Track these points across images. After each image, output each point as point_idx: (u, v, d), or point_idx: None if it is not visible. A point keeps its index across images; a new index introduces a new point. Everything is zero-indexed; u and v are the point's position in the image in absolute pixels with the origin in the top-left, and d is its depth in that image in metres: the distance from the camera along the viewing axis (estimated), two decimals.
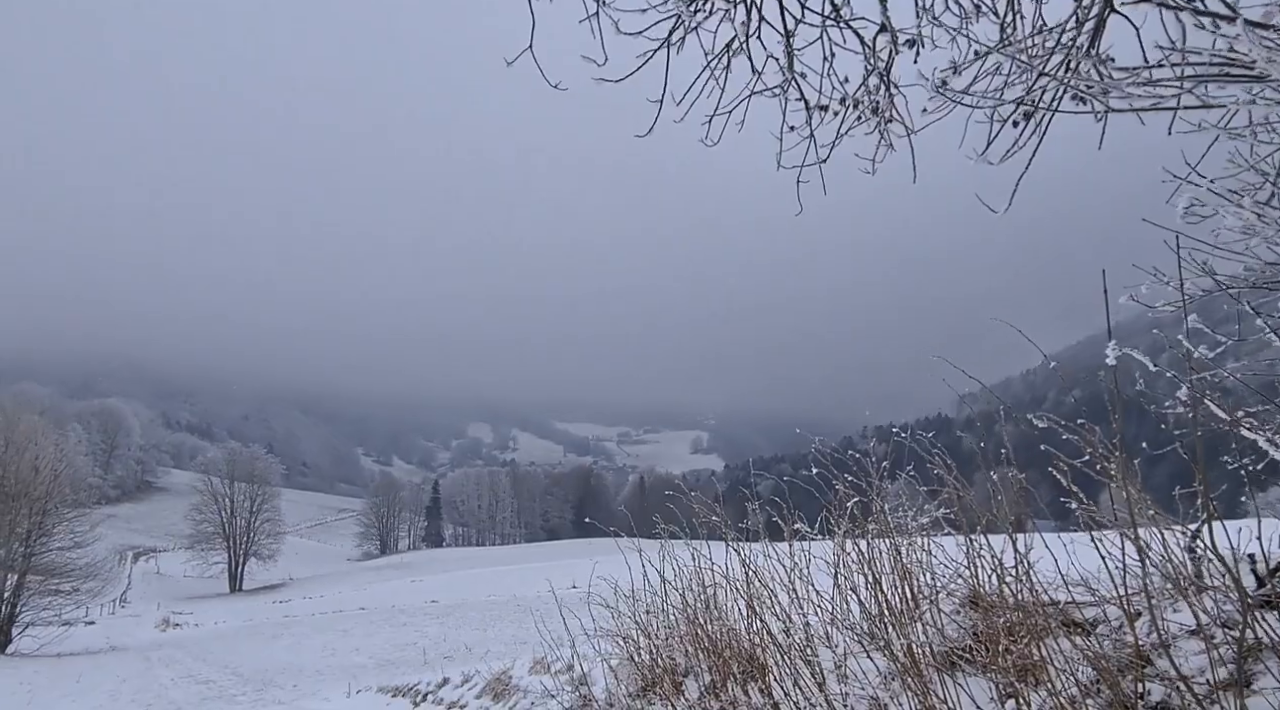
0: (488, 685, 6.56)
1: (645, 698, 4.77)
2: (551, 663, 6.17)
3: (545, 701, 5.54)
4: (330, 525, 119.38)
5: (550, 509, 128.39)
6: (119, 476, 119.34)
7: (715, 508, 4.44)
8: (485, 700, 6.39)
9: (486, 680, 6.65)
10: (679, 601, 4.62)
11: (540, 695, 5.68)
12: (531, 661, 6.51)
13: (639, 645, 4.86)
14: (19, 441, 25.58)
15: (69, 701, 14.18)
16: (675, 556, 4.68)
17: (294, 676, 14.32)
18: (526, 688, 6.03)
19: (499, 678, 6.50)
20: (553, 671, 5.92)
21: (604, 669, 5.18)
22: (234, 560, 70.56)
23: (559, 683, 5.60)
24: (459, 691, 7.00)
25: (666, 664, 4.60)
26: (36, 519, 25.38)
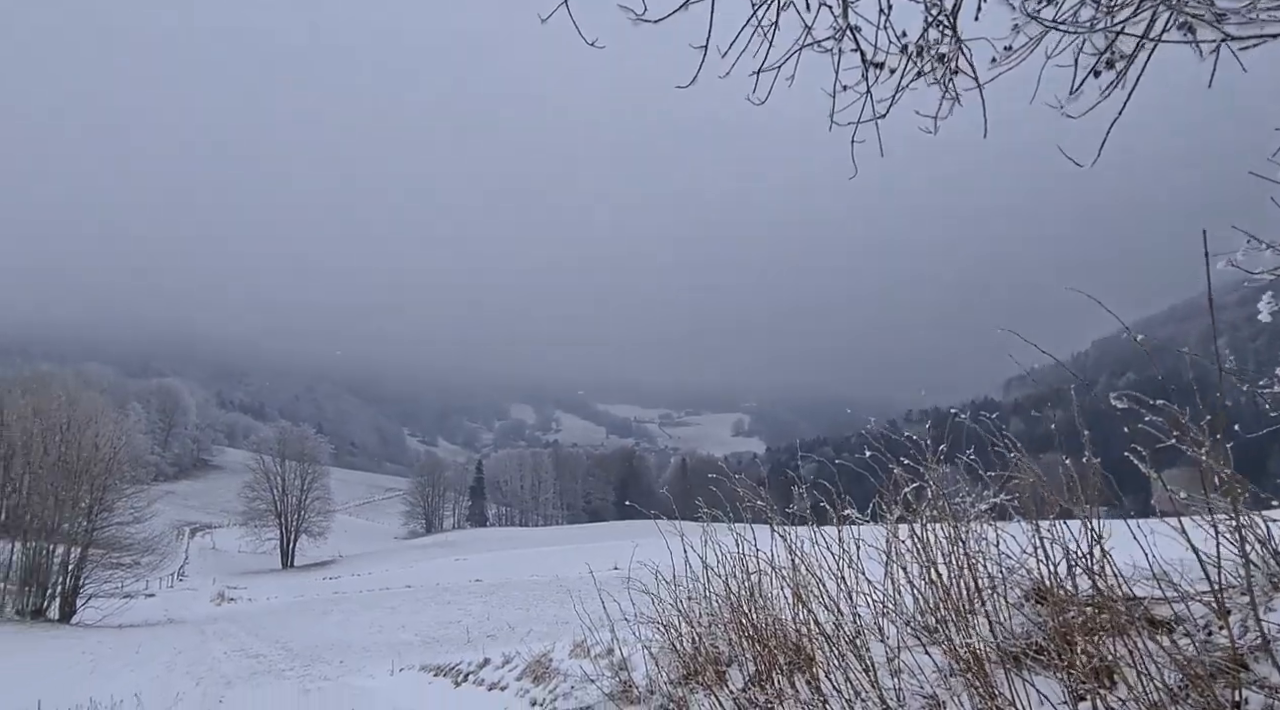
0: (528, 667, 6.50)
1: (687, 686, 4.64)
2: (591, 646, 6.08)
3: (585, 686, 5.44)
4: (378, 504, 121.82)
5: (592, 490, 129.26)
6: (176, 454, 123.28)
7: (760, 491, 4.25)
8: (525, 682, 6.33)
9: (527, 662, 6.60)
10: (722, 588, 4.47)
11: (580, 679, 5.59)
12: (572, 644, 6.43)
13: (680, 632, 4.72)
14: (80, 420, 26.43)
15: (129, 671, 14.61)
16: (718, 541, 4.53)
17: (341, 652, 14.56)
18: (566, 671, 5.95)
19: (539, 660, 6.44)
20: (593, 655, 5.83)
21: (644, 655, 5.05)
22: (285, 537, 72.40)
23: (599, 667, 5.51)
24: (499, 672, 6.96)
25: (709, 652, 4.46)
26: (98, 495, 26.24)
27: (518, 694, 6.27)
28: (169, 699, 8.33)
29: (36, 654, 17.81)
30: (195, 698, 8.26)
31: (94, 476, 26.01)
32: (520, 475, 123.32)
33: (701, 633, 4.51)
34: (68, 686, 13.26)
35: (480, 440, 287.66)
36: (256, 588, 46.87)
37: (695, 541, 4.74)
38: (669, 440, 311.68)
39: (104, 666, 15.71)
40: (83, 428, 26.25)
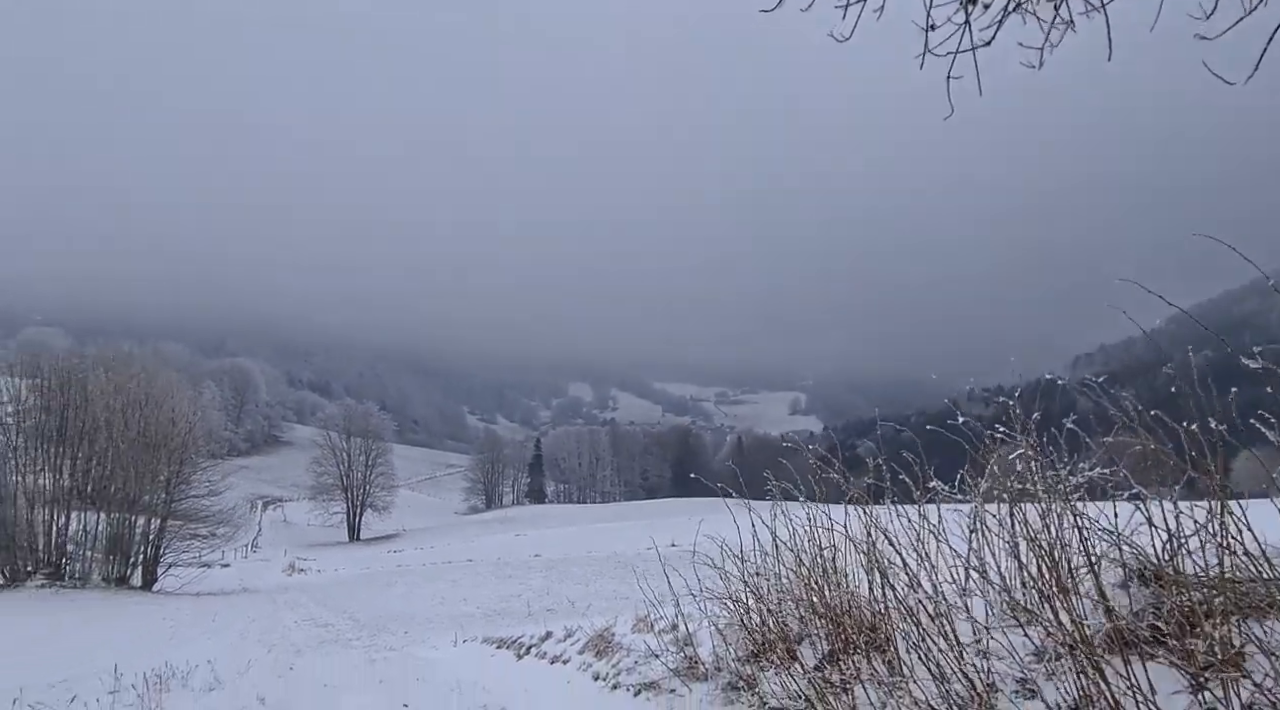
0: (590, 641, 6.44)
1: (756, 663, 4.50)
2: (655, 622, 5.98)
3: (649, 661, 5.34)
4: (439, 480, 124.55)
5: (649, 468, 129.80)
6: (249, 430, 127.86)
7: (834, 462, 4.04)
8: (588, 656, 6.27)
9: (589, 636, 6.54)
10: (793, 563, 4.31)
11: (644, 655, 5.49)
12: (634, 620, 6.34)
13: (749, 608, 4.57)
14: (158, 396, 27.49)
15: (206, 638, 15.16)
16: (789, 515, 4.35)
17: (406, 623, 14.86)
18: (629, 646, 5.86)
19: (601, 635, 6.37)
20: (656, 631, 5.73)
21: (710, 631, 4.92)
22: (352, 511, 74.57)
23: (663, 642, 5.40)
24: (561, 646, 6.93)
25: (779, 629, 4.30)
26: (175, 468, 27.31)
27: (580, 668, 6.21)
28: (242, 664, 8.55)
29: (121, 619, 18.64)
30: (267, 664, 8.46)
31: (171, 450, 27.07)
32: (578, 453, 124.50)
33: (772, 609, 4.36)
34: (150, 650, 13.81)
35: (538, 418, 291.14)
36: (325, 559, 48.41)
37: (763, 516, 4.58)
38: (725, 418, 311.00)
39: (183, 632, 16.36)
40: (159, 403, 27.30)
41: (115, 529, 25.89)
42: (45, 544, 24.58)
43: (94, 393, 26.74)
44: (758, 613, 4.52)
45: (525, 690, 6.04)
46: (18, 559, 24.06)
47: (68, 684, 10.02)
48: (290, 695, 5.90)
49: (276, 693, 5.88)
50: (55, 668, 12.32)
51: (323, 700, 5.98)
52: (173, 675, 6.50)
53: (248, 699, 5.23)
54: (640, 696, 5.15)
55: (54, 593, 22.89)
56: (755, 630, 4.51)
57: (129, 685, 6.06)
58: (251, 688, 5.75)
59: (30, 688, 9.58)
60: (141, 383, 27.64)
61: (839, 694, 3.70)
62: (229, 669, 7.62)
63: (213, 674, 6.37)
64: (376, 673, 7.42)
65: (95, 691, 6.72)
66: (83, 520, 25.87)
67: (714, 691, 4.56)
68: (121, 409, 26.70)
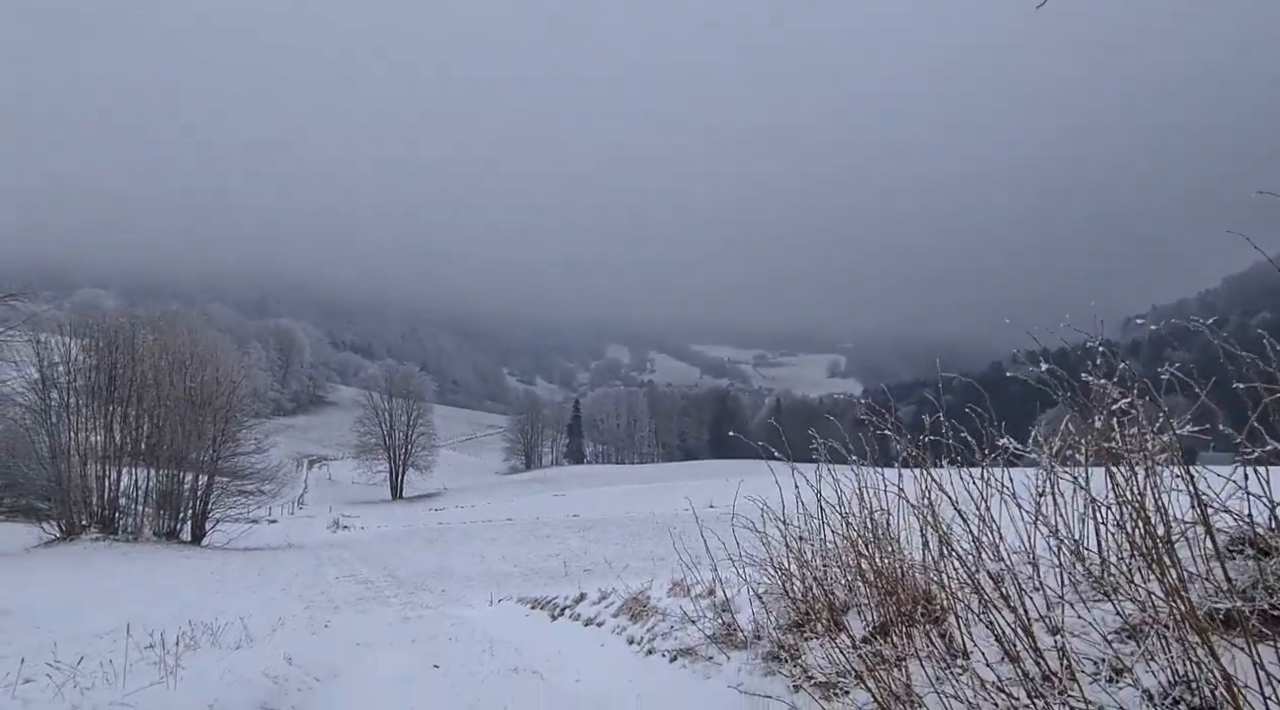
0: (625, 604, 6.25)
1: (799, 632, 4.23)
2: (691, 586, 5.75)
3: (685, 626, 5.12)
4: (479, 440, 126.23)
5: (687, 429, 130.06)
6: (294, 391, 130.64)
7: (887, 417, 3.70)
8: (622, 619, 6.08)
9: (624, 599, 6.35)
10: (840, 527, 4.01)
11: (680, 619, 5.27)
12: (670, 583, 6.12)
13: (791, 574, 4.30)
14: (202, 355, 27.95)
15: (250, 592, 15.44)
16: (836, 477, 4.05)
17: (444, 581, 14.95)
18: (665, 610, 5.64)
19: (636, 597, 6.17)
20: (693, 595, 5.50)
21: (749, 596, 4.67)
22: (394, 469, 75.98)
23: (699, 607, 5.17)
24: (595, 608, 6.75)
25: (825, 597, 4.02)
26: (220, 426, 27.85)
27: (614, 631, 6.03)
28: (281, 619, 8.58)
29: (171, 572, 19.11)
30: (303, 621, 8.47)
31: (216, 409, 27.58)
32: (616, 414, 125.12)
33: (817, 576, 4.07)
34: (198, 603, 14.10)
35: (577, 379, 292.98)
36: (368, 517, 49.43)
37: (806, 477, 4.28)
38: (763, 381, 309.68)
39: (229, 586, 16.70)
40: (204, 363, 27.76)
41: (165, 485, 26.55)
42: (99, 499, 25.31)
43: (141, 352, 27.27)
44: (800, 579, 4.25)
45: (558, 652, 5.89)
46: (73, 513, 24.82)
47: (113, 635, 10.23)
48: (321, 654, 5.83)
49: (308, 651, 5.80)
50: (106, 619, 12.63)
51: (353, 659, 5.91)
52: (206, 630, 6.46)
53: (275, 658, 5.14)
54: (676, 663, 4.94)
55: (107, 546, 23.58)
56: (797, 597, 4.25)
57: (166, 639, 6.02)
58: (281, 646, 5.68)
59: (78, 637, 9.78)
60: (187, 342, 28.09)
61: (891, 669, 3.43)
62: (265, 625, 7.61)
63: (245, 632, 6.33)
64: (410, 631, 7.36)
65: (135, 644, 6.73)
66: (134, 476, 26.57)
67: (753, 661, 4.32)
68: (168, 368, 27.20)
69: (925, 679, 3.25)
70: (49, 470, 24.79)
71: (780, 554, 4.32)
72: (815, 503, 4.30)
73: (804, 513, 4.25)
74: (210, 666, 4.49)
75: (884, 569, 3.70)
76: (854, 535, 3.86)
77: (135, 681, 3.88)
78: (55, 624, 12.23)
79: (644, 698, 4.65)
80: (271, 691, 4.37)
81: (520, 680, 5.31)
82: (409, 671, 5.61)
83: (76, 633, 10.76)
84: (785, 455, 4.33)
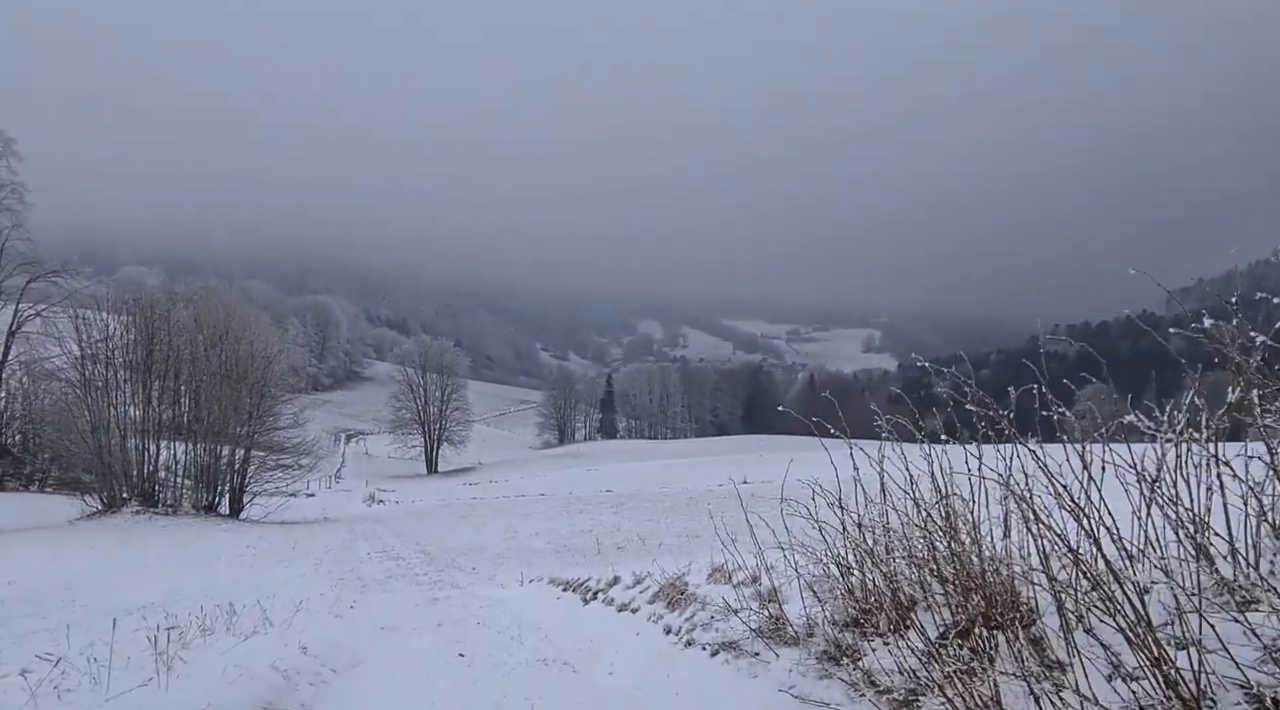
0: (661, 590, 5.85)
1: (858, 630, 3.79)
2: (733, 571, 5.33)
3: (727, 617, 4.71)
4: (513, 415, 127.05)
5: (719, 405, 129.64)
6: (331, 366, 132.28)
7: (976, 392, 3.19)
8: (658, 606, 5.68)
9: (660, 584, 5.94)
10: (910, 512, 3.54)
11: (721, 609, 4.85)
12: (709, 567, 5.70)
13: (850, 565, 3.85)
14: (237, 330, 28.04)
15: (283, 566, 15.39)
16: (901, 454, 3.57)
17: (475, 558, 14.74)
18: (704, 598, 5.23)
19: (673, 583, 5.76)
20: (734, 582, 5.07)
21: (799, 587, 4.23)
22: (429, 444, 76.59)
23: (742, 597, 4.74)
24: (630, 593, 6.37)
25: (891, 592, 3.57)
26: (255, 400, 27.97)
27: (650, 618, 5.64)
28: (307, 598, 8.36)
29: (209, 546, 19.21)
30: (330, 600, 8.24)
31: (252, 383, 27.69)
32: (649, 389, 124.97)
33: (881, 566, 3.62)
34: (231, 577, 14.07)
35: (609, 355, 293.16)
36: (403, 491, 49.83)
37: (867, 453, 3.82)
38: (796, 356, 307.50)
39: (263, 561, 16.70)
40: (239, 338, 27.84)
41: (203, 459, 26.78)
42: (138, 473, 25.60)
43: (177, 326, 27.43)
44: (859, 569, 3.80)
45: (590, 640, 5.53)
46: (114, 487, 25.14)
47: (142, 611, 10.14)
48: (341, 640, 5.55)
49: (328, 636, 5.52)
50: (137, 594, 12.62)
51: (375, 646, 5.61)
52: (227, 612, 6.21)
53: (290, 647, 4.85)
54: (718, 658, 4.53)
55: (147, 519, 23.86)
56: (857, 589, 3.80)
57: (182, 622, 5.78)
58: (300, 631, 5.39)
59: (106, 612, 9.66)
60: (222, 317, 28.20)
61: (970, 679, 2.97)
62: (290, 604, 7.36)
63: (264, 615, 6.05)
64: (437, 614, 7.07)
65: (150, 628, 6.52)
66: (172, 450, 26.83)
67: (805, 660, 3.89)
68: (204, 342, 27.35)
69: (1016, 693, 2.80)
70: (90, 444, 25.12)
71: (836, 541, 3.86)
72: (875, 484, 3.84)
73: (864, 496, 3.80)
74: (215, 660, 4.18)
75: (961, 558, 3.24)
76: (925, 521, 3.39)
77: (127, 680, 3.58)
78: (90, 597, 12.25)
79: (684, 696, 4.26)
80: (278, 688, 4.06)
81: (549, 672, 4.96)
82: (432, 660, 5.29)
83: (108, 607, 10.72)
84: (842, 431, 3.86)
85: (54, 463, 33.84)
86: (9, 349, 37.26)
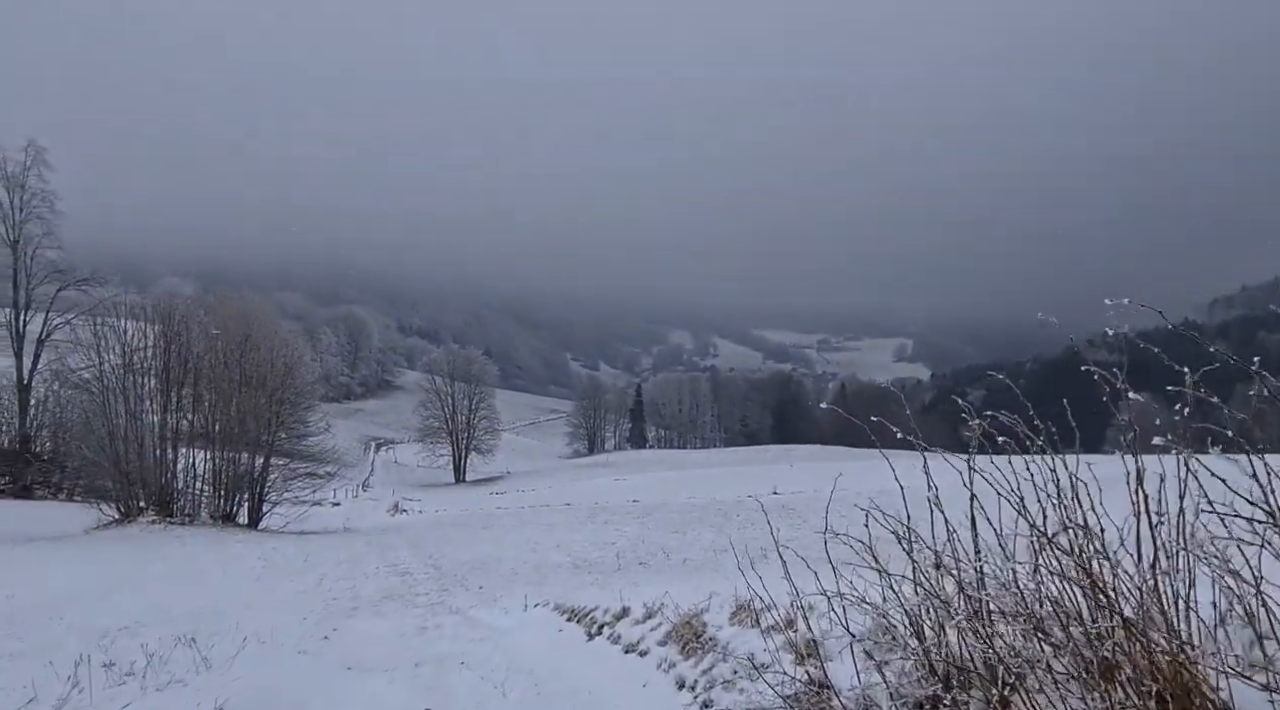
0: (675, 630, 4.84)
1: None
2: (760, 610, 4.30)
3: (753, 676, 3.69)
4: (542, 425, 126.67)
5: (750, 414, 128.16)
6: (364, 375, 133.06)
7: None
8: (671, 650, 4.68)
9: (674, 623, 4.93)
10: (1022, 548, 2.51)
11: (744, 662, 3.84)
12: (733, 603, 4.67)
13: (923, 618, 2.83)
14: (256, 337, 27.57)
15: (288, 581, 14.63)
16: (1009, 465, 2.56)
17: (487, 574, 13.84)
18: (726, 644, 4.21)
19: (689, 622, 4.75)
20: (763, 627, 4.04)
21: (856, 654, 3.20)
22: (457, 453, 76.23)
23: (773, 646, 3.73)
24: (639, 630, 5.36)
25: (982, 663, 2.55)
26: (275, 408, 27.43)
27: (661, 666, 4.64)
28: (285, 623, 7.51)
29: (217, 558, 18.56)
30: (310, 626, 7.36)
31: (271, 390, 27.16)
32: (678, 399, 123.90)
33: (975, 626, 2.59)
34: (233, 593, 13.32)
35: (639, 364, 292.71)
36: (429, 500, 49.24)
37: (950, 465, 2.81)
38: (827, 366, 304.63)
39: (270, 574, 15.96)
40: (258, 345, 27.36)
41: (220, 467, 26.28)
42: (155, 480, 25.14)
43: (196, 332, 27.03)
44: (935, 626, 2.77)
45: (588, 692, 4.54)
46: (131, 496, 24.71)
47: (123, 632, 9.38)
48: (287, 685, 4.64)
49: (275, 681, 4.63)
50: (126, 609, 11.91)
51: (330, 693, 4.67)
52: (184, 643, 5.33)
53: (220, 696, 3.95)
54: None
55: (162, 528, 23.33)
56: (937, 651, 2.77)
57: (138, 650, 4.92)
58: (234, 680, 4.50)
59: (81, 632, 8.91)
60: (242, 323, 27.76)
61: None
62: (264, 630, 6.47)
63: (201, 657, 5.16)
64: (421, 648, 6.14)
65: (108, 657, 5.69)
66: (190, 458, 26.36)
67: None
68: (222, 349, 26.90)
69: None
70: (108, 451, 24.73)
71: (909, 593, 2.84)
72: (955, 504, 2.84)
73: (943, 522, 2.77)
74: None
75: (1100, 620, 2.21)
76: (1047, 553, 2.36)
77: None
78: (80, 614, 11.56)
79: None
80: None
81: None
82: None
83: (90, 627, 10.00)
84: (910, 433, 2.84)
85: (82, 471, 33.71)
86: (38, 357, 37.39)
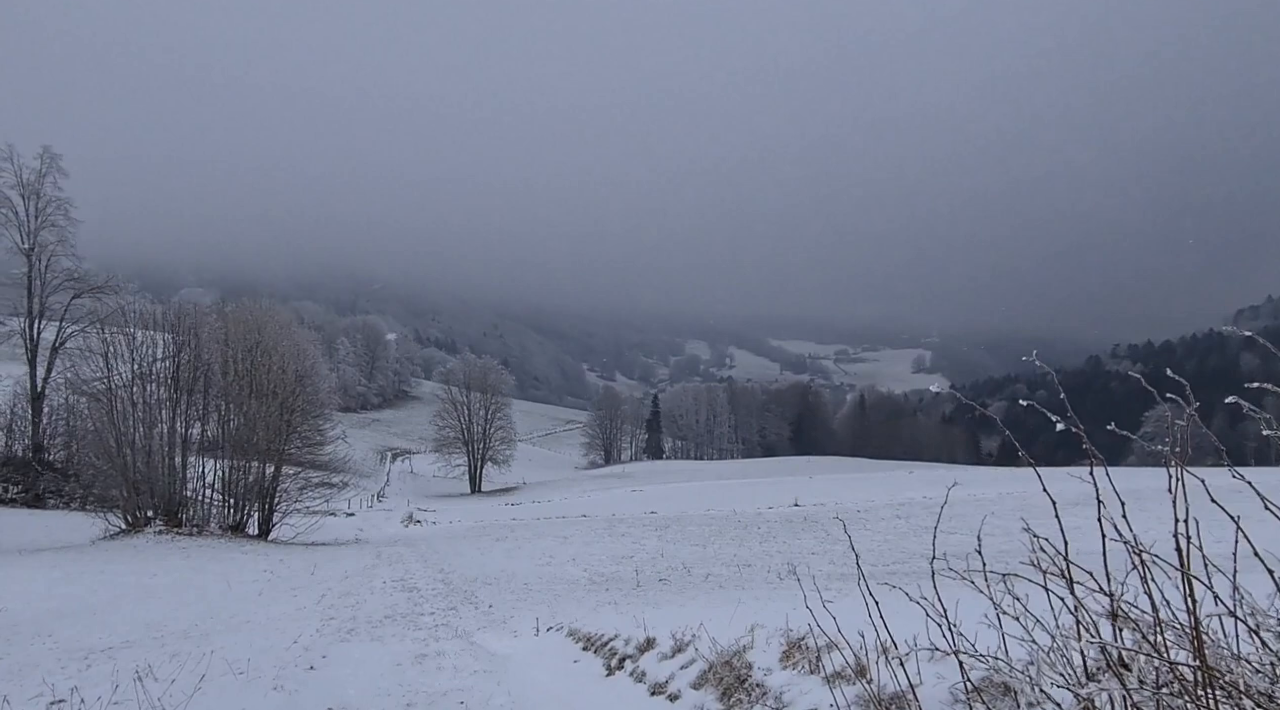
0: (711, 670, 4.06)
1: None
2: (820, 649, 3.53)
3: None
4: (559, 435, 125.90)
5: (767, 425, 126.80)
6: (380, 385, 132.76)
7: None
8: (707, 695, 3.90)
9: (710, 662, 4.15)
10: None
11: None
12: (783, 641, 3.89)
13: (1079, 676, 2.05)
14: (267, 345, 27.08)
15: (291, 596, 13.98)
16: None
17: (498, 591, 13.07)
18: (780, 695, 3.42)
19: (728, 663, 3.95)
20: (826, 673, 3.26)
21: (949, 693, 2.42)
22: (473, 463, 75.58)
23: (843, 701, 2.97)
24: (667, 666, 4.58)
25: None
26: (286, 416, 26.86)
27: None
28: (277, 646, 6.80)
29: (221, 571, 17.93)
30: (296, 652, 6.64)
31: (281, 399, 26.62)
32: (695, 409, 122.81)
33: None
34: (228, 610, 12.65)
35: (656, 375, 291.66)
36: (444, 511, 48.54)
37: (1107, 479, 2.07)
38: (845, 377, 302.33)
39: (273, 588, 15.31)
40: (269, 352, 26.86)
41: (230, 476, 25.74)
42: (163, 490, 24.61)
43: (206, 341, 26.56)
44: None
45: None
46: (139, 506, 24.19)
47: (111, 651, 8.76)
48: None
49: None
50: (122, 625, 11.29)
51: None
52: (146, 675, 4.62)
53: None
54: None
55: (169, 539, 22.77)
56: None
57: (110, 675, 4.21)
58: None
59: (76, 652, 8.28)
60: (252, 330, 27.28)
61: None
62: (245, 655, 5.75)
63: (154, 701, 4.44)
64: (415, 683, 5.39)
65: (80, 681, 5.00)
66: (199, 468, 25.83)
67: None
68: (233, 358, 26.42)
69: None
70: (115, 460, 24.24)
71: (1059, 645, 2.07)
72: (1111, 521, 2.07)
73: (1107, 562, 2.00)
74: None
75: None
76: None
77: None
78: (70, 631, 10.95)
79: None
80: None
81: None
82: None
83: (76, 647, 9.38)
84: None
85: (93, 481, 33.30)
86: (52, 365, 37.10)
